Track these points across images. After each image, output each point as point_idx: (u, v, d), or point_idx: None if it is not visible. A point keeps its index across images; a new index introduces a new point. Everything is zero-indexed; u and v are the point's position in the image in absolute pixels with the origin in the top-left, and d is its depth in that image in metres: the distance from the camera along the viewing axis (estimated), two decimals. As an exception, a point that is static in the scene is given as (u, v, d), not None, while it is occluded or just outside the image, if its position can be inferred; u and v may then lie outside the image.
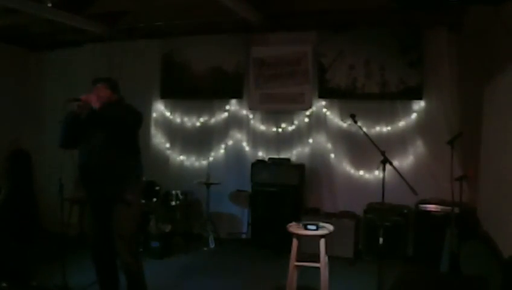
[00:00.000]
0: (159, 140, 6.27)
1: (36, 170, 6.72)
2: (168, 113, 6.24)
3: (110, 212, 3.26)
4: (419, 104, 5.14)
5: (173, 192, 5.53)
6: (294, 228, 3.80)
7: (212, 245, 5.49)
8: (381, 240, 3.75)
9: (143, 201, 4.87)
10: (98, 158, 3.20)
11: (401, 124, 5.23)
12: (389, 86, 5.15)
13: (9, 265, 4.02)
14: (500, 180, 3.68)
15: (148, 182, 5.52)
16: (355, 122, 4.03)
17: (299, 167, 5.47)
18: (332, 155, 5.53)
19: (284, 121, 5.77)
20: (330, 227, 3.82)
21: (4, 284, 3.77)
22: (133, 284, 3.37)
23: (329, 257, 3.86)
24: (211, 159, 6.01)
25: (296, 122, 5.72)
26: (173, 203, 5.53)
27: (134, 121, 3.36)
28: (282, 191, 5.38)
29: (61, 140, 3.35)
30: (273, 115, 5.83)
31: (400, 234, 4.84)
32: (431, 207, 4.74)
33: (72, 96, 3.29)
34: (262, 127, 5.87)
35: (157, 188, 5.60)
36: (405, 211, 4.92)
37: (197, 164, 6.13)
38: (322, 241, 3.69)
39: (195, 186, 5.73)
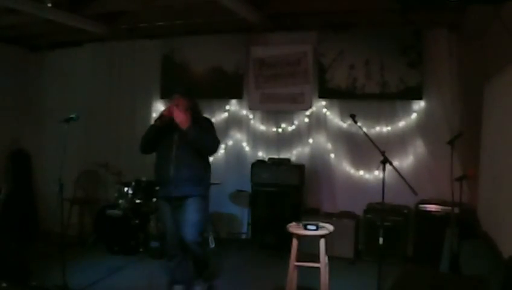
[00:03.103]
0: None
1: (36, 170, 6.72)
2: (168, 113, 6.23)
3: (184, 206, 3.66)
4: (419, 104, 5.14)
5: (173, 192, 5.52)
6: (294, 228, 3.80)
7: (212, 245, 5.49)
8: (381, 240, 3.74)
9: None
10: (181, 164, 3.62)
11: (401, 124, 5.23)
12: (389, 86, 5.15)
13: (9, 265, 4.02)
14: (500, 181, 3.67)
15: (148, 182, 5.51)
16: (355, 122, 4.03)
17: (299, 167, 5.47)
18: (332, 155, 5.52)
19: (284, 121, 5.77)
20: (330, 227, 3.82)
21: (4, 284, 3.76)
22: (198, 263, 3.82)
23: (329, 257, 3.86)
24: (210, 159, 5.98)
25: (296, 122, 5.72)
26: (173, 203, 5.52)
27: (213, 151, 3.87)
28: (282, 191, 5.38)
29: (141, 148, 3.83)
30: (273, 115, 5.83)
31: (400, 234, 4.84)
32: (431, 207, 4.74)
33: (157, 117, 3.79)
34: (262, 127, 5.87)
35: (157, 188, 5.56)
36: (405, 211, 4.92)
37: (197, 164, 6.12)
38: (322, 242, 3.69)
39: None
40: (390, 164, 3.74)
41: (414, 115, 5.18)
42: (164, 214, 3.83)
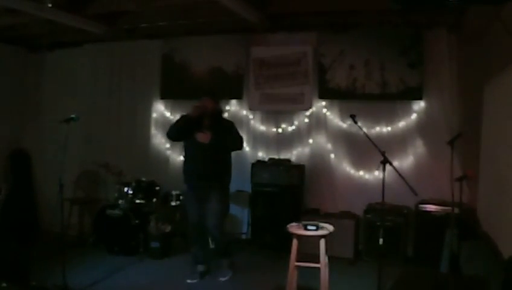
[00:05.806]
0: (159, 140, 6.27)
1: (36, 170, 6.72)
2: (168, 114, 6.24)
3: (208, 197, 4.26)
4: (419, 105, 5.14)
5: (173, 192, 5.53)
6: (294, 228, 3.81)
7: (212, 245, 5.48)
8: (381, 240, 3.74)
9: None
10: (207, 160, 4.24)
11: (401, 124, 5.22)
12: (389, 86, 5.15)
13: (9, 265, 4.02)
14: (500, 180, 3.68)
15: (148, 182, 5.52)
16: (355, 122, 4.02)
17: (299, 168, 5.47)
18: (332, 155, 5.52)
19: (284, 122, 5.77)
20: (330, 227, 3.82)
21: (4, 284, 3.76)
22: (218, 249, 4.52)
23: (329, 257, 3.86)
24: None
25: (296, 122, 5.72)
26: (173, 203, 5.53)
27: (239, 148, 4.52)
28: (282, 191, 5.38)
29: (172, 134, 4.40)
30: (273, 115, 5.83)
31: (400, 234, 4.83)
32: (431, 207, 4.74)
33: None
34: (262, 128, 5.87)
35: (157, 188, 5.59)
36: (405, 211, 4.92)
37: (197, 164, 6.12)
38: (322, 242, 3.69)
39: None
40: (390, 164, 3.74)
41: (414, 115, 5.18)
42: (189, 201, 4.46)
